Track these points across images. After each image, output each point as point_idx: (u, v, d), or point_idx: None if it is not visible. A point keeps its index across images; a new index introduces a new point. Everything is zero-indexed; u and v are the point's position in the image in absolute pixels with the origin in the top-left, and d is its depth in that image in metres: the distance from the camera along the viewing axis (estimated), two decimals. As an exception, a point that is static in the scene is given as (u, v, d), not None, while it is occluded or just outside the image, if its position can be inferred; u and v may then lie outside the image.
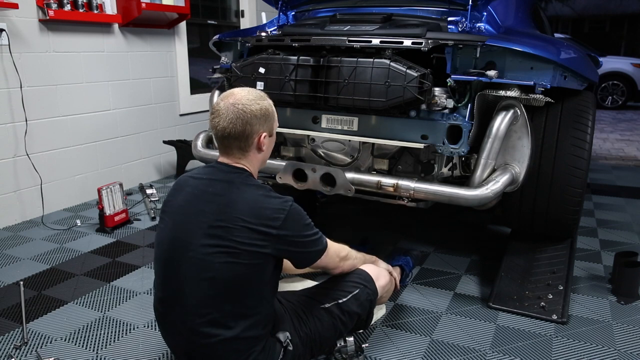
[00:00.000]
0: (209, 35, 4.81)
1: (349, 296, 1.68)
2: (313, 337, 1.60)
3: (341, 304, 1.66)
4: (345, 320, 1.67)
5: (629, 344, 1.87)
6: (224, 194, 1.41)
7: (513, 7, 2.60)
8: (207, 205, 1.41)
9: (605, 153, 5.46)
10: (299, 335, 1.57)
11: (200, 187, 1.46)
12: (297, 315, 1.61)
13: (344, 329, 1.68)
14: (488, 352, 1.82)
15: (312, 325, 1.60)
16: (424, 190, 2.04)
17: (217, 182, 1.45)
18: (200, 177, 1.49)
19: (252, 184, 1.45)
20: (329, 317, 1.64)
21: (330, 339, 1.67)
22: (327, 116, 2.25)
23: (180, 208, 1.46)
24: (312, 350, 1.63)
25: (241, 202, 1.39)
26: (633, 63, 9.33)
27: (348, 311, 1.67)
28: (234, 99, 1.45)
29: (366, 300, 1.71)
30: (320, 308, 1.64)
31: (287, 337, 1.52)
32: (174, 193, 1.52)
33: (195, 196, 1.44)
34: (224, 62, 2.59)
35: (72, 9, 3.27)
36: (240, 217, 1.36)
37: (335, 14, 2.47)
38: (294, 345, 1.54)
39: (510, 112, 2.00)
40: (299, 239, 1.45)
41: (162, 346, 1.86)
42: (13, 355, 1.80)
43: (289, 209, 1.41)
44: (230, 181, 1.44)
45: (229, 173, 1.46)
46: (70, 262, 2.60)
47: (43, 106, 3.23)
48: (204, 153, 2.61)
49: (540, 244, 2.50)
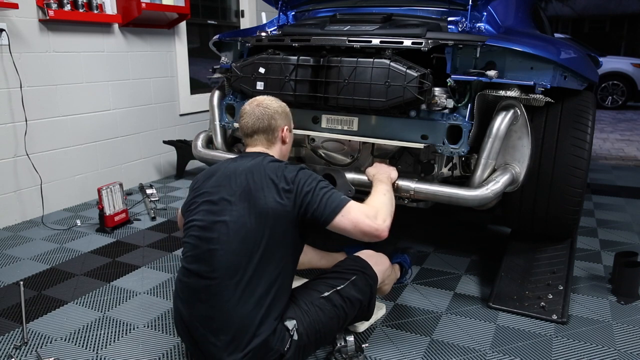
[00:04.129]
0: (209, 35, 4.81)
1: (347, 282, 1.70)
2: (316, 327, 1.60)
3: (340, 291, 1.67)
4: (347, 307, 1.67)
5: (629, 344, 1.87)
6: (252, 167, 1.61)
7: (513, 7, 2.60)
8: (238, 177, 1.59)
9: (605, 153, 5.46)
10: (303, 325, 1.58)
11: (231, 168, 1.64)
12: (299, 306, 1.61)
13: (346, 317, 1.69)
14: (488, 352, 1.82)
15: (314, 316, 1.61)
16: (424, 190, 2.04)
17: (246, 162, 1.65)
18: (230, 162, 1.69)
19: (275, 160, 1.67)
20: (330, 306, 1.64)
21: (334, 328, 1.68)
22: (327, 116, 2.25)
23: (213, 188, 1.62)
24: (317, 341, 1.64)
25: (267, 169, 1.59)
26: (633, 63, 9.33)
27: (348, 298, 1.68)
28: (257, 102, 1.75)
29: (366, 286, 1.73)
30: (320, 298, 1.65)
31: (294, 325, 1.55)
32: (205, 179, 1.67)
33: (227, 175, 1.62)
34: (224, 62, 2.59)
35: (72, 9, 3.28)
36: (266, 180, 1.56)
37: (335, 14, 2.47)
38: (299, 334, 1.55)
39: (510, 112, 2.00)
40: (313, 190, 1.55)
41: (162, 346, 1.86)
42: (13, 355, 1.80)
43: (301, 168, 1.62)
44: (257, 159, 1.65)
45: (256, 155, 1.69)
46: (70, 262, 2.60)
47: (43, 106, 3.23)
48: (204, 153, 2.61)
49: (540, 244, 2.50)
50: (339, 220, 1.54)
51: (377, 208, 1.62)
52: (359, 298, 1.70)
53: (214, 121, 2.61)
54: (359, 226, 1.54)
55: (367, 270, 1.76)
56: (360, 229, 1.54)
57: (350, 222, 1.54)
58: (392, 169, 2.05)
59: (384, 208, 1.64)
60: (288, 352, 1.53)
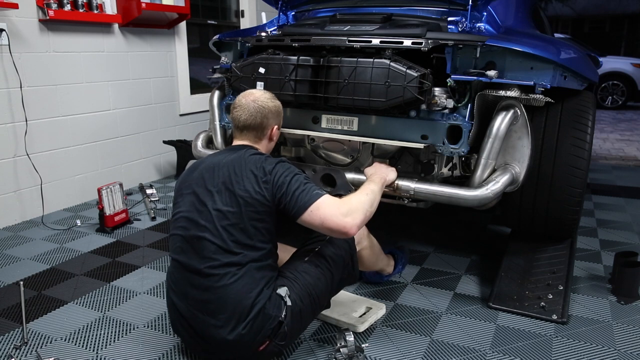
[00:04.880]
0: (209, 35, 4.81)
1: (323, 242, 1.78)
2: (307, 290, 1.67)
3: (318, 251, 1.75)
4: (330, 265, 1.74)
5: (629, 344, 1.87)
6: (234, 160, 1.66)
7: (513, 7, 2.60)
8: (221, 170, 1.65)
9: (605, 153, 5.46)
10: (294, 291, 1.64)
11: (215, 161, 1.70)
12: (286, 277, 1.68)
13: (332, 276, 1.74)
14: (488, 352, 1.82)
15: (302, 280, 1.67)
16: (424, 190, 2.04)
17: (229, 155, 1.70)
18: (214, 156, 1.74)
19: (257, 153, 1.72)
20: (314, 267, 1.71)
21: (324, 289, 1.73)
22: (327, 116, 2.25)
23: (197, 179, 1.68)
24: (312, 305, 1.69)
25: (249, 162, 1.65)
26: (633, 63, 9.34)
27: (329, 255, 1.74)
28: (254, 97, 1.77)
29: (342, 242, 1.79)
30: (302, 263, 1.72)
31: (286, 292, 1.62)
32: (189, 173, 1.73)
33: (210, 168, 1.68)
34: (224, 62, 2.59)
35: (72, 9, 3.28)
36: (246, 172, 1.62)
37: (335, 14, 2.47)
38: (292, 300, 1.62)
39: (510, 112, 2.00)
40: (288, 183, 1.59)
41: (162, 346, 1.86)
42: (13, 355, 1.80)
43: (280, 161, 1.67)
44: (240, 152, 1.70)
45: (240, 148, 1.74)
46: (70, 262, 2.60)
47: (43, 106, 3.23)
48: (204, 153, 2.61)
49: (540, 244, 2.50)
50: (308, 215, 1.57)
51: (352, 205, 1.62)
52: (339, 254, 1.77)
53: (214, 121, 2.61)
54: (326, 223, 1.57)
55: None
56: (327, 226, 1.58)
57: (319, 218, 1.57)
58: (390, 170, 2.05)
59: (359, 207, 1.64)
60: (286, 319, 1.59)
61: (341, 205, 1.60)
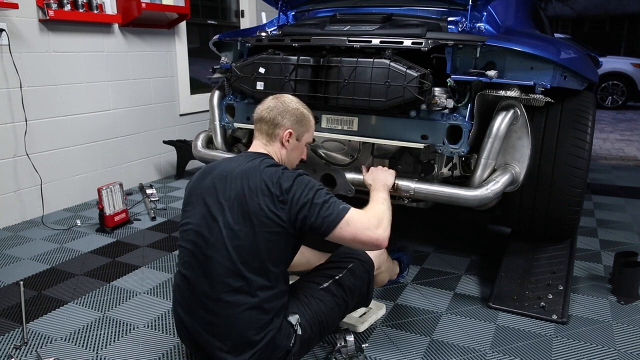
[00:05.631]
0: (209, 35, 4.81)
1: (344, 271, 1.71)
2: (319, 318, 1.62)
3: (338, 280, 1.69)
4: (346, 296, 1.69)
5: (629, 344, 1.87)
6: (249, 170, 1.55)
7: (513, 7, 2.60)
8: (234, 181, 1.54)
9: (605, 153, 5.46)
10: (305, 318, 1.59)
11: (228, 168, 1.59)
12: (300, 300, 1.63)
13: (346, 305, 1.71)
14: (488, 352, 1.82)
15: (315, 308, 1.62)
16: (424, 190, 2.04)
17: (243, 163, 1.59)
18: (227, 162, 1.64)
19: (273, 164, 1.59)
20: (330, 296, 1.66)
21: (335, 318, 1.70)
22: (327, 116, 2.25)
23: (209, 189, 1.58)
24: (320, 332, 1.65)
25: (264, 174, 1.53)
26: (633, 63, 9.33)
27: (348, 286, 1.69)
28: (281, 97, 1.72)
29: (363, 272, 1.75)
30: (319, 289, 1.66)
31: (297, 320, 1.56)
32: (200, 179, 1.63)
33: (223, 177, 1.57)
34: (224, 62, 2.59)
35: (72, 9, 3.28)
36: (261, 187, 1.51)
37: (335, 14, 2.47)
38: (303, 328, 1.57)
39: (510, 112, 2.00)
40: (310, 203, 1.50)
41: (162, 346, 1.86)
42: (13, 355, 1.80)
43: (298, 175, 1.55)
44: (254, 161, 1.59)
45: (254, 156, 1.63)
46: (70, 262, 2.60)
47: (43, 106, 3.23)
48: (204, 153, 2.61)
49: (540, 244, 2.50)
50: (338, 232, 1.51)
51: (379, 217, 1.59)
52: (358, 285, 1.72)
53: (214, 121, 2.61)
54: (358, 237, 1.52)
55: (362, 257, 1.77)
56: (359, 240, 1.53)
57: (349, 234, 1.52)
58: (388, 174, 2.02)
59: (384, 217, 1.61)
60: (294, 347, 1.55)
61: (371, 218, 1.56)
